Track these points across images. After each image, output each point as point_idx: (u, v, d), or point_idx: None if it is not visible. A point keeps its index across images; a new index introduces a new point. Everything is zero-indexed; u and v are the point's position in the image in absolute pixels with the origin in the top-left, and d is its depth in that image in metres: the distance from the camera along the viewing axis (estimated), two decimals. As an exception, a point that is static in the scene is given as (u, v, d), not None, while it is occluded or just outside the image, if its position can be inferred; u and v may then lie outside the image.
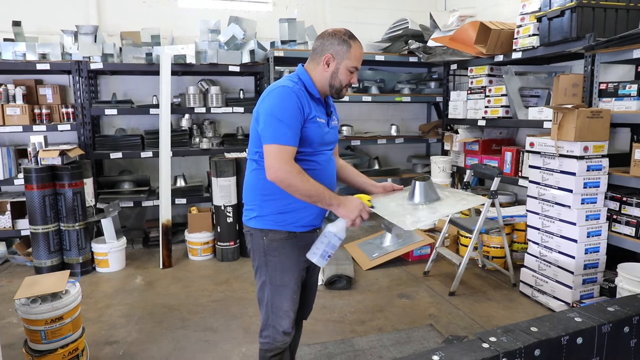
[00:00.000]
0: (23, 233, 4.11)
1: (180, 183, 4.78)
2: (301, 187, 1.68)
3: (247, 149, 2.99)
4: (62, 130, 4.32)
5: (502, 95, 3.99)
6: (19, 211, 4.14)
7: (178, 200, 4.54)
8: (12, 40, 4.21)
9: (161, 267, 4.01)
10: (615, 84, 3.01)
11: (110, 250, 3.90)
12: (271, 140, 1.70)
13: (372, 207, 1.80)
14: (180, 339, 2.80)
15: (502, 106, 3.99)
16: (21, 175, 3.93)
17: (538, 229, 3.22)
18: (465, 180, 3.74)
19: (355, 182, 2.12)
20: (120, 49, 4.43)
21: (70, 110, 4.41)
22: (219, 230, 4.17)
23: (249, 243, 1.90)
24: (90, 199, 4.11)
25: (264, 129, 1.73)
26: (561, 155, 2.97)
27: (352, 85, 1.88)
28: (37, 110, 4.29)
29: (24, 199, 3.83)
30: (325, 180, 1.83)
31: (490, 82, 4.20)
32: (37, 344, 2.26)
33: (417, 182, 1.91)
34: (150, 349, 2.70)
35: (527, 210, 3.33)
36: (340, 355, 2.60)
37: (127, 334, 2.87)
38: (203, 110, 4.61)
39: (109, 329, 2.92)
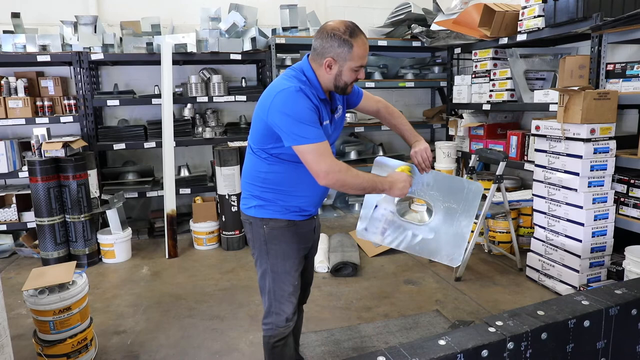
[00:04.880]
0: (29, 225, 4.13)
1: (184, 173, 4.78)
2: (354, 183, 1.67)
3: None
4: (64, 122, 4.32)
5: (507, 78, 3.93)
6: (24, 204, 4.16)
7: (182, 190, 4.55)
8: (11, 32, 4.19)
9: (167, 257, 4.03)
10: (623, 65, 2.96)
11: (116, 241, 3.92)
12: (301, 141, 1.61)
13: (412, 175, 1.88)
14: (188, 328, 2.82)
15: (507, 90, 3.94)
16: (25, 168, 3.95)
17: (544, 213, 3.20)
18: (470, 165, 3.71)
19: (399, 132, 2.10)
20: (121, 39, 4.40)
21: (72, 101, 4.40)
22: (223, 219, 4.18)
23: (249, 232, 1.90)
24: (94, 191, 4.12)
25: (286, 132, 1.63)
26: (567, 138, 2.93)
27: (359, 80, 1.83)
28: (39, 103, 4.28)
29: (29, 192, 3.84)
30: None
31: (495, 65, 4.14)
32: (46, 334, 2.28)
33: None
34: (158, 337, 2.72)
35: (533, 195, 3.30)
36: (347, 342, 2.61)
37: (134, 323, 2.89)
38: (205, 99, 4.59)
39: (116, 319, 2.95)
